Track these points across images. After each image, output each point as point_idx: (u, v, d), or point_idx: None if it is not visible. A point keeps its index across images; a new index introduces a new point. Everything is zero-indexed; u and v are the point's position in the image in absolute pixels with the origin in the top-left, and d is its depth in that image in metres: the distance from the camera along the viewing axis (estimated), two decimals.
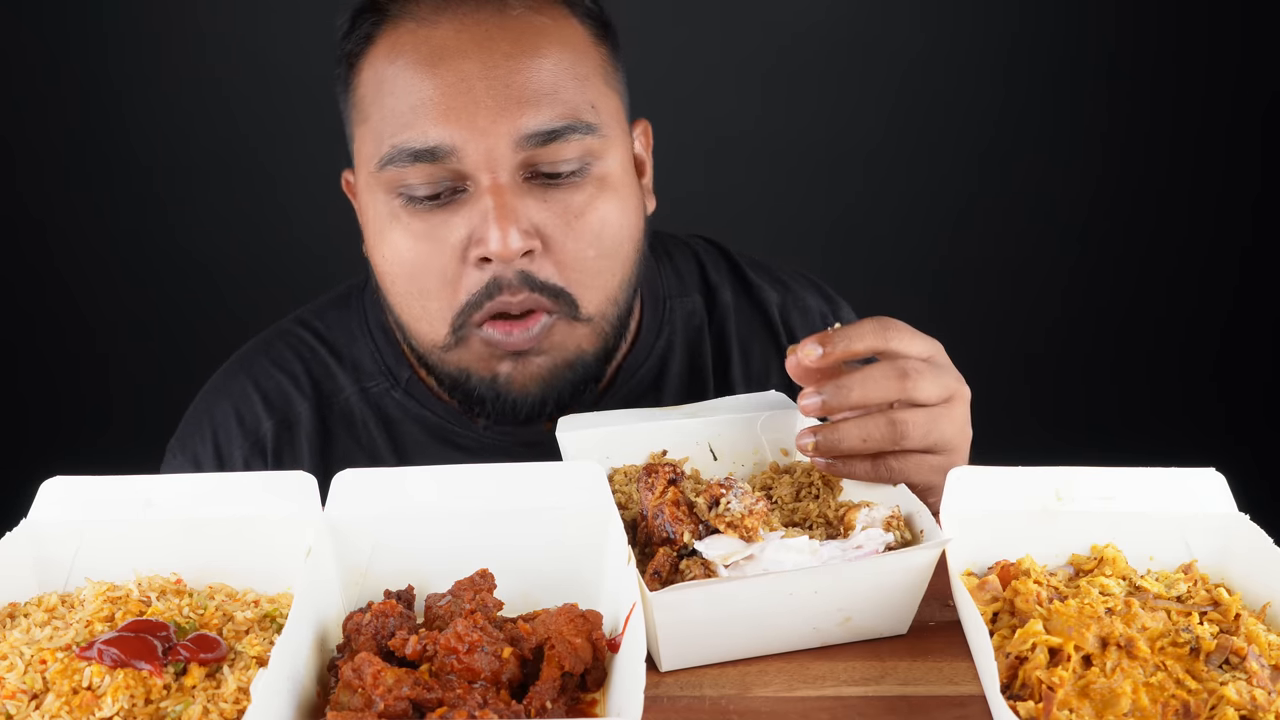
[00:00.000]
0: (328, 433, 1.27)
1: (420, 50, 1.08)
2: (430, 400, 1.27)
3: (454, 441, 1.26)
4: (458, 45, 1.07)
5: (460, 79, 1.06)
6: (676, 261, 1.37)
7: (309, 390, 1.28)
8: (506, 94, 1.06)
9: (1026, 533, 0.91)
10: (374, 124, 1.10)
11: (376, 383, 1.28)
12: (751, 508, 0.86)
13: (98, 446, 2.16)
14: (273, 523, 0.87)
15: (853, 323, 0.96)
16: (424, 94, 1.06)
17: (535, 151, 1.07)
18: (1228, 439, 2.90)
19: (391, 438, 1.27)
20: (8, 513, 0.94)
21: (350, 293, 1.34)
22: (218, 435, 1.27)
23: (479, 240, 1.08)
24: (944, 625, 0.88)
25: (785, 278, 1.40)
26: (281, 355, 1.30)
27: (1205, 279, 2.98)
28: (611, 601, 0.83)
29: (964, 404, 0.99)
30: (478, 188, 1.07)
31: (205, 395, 1.31)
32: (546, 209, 1.09)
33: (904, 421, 0.94)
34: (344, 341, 1.30)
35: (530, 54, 1.08)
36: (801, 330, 1.36)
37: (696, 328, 1.33)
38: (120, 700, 0.73)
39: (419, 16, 1.09)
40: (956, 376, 0.98)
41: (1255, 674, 0.77)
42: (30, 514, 0.88)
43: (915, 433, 0.94)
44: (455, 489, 0.88)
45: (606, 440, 1.04)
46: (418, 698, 0.72)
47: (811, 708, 0.78)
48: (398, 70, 1.09)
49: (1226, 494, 0.92)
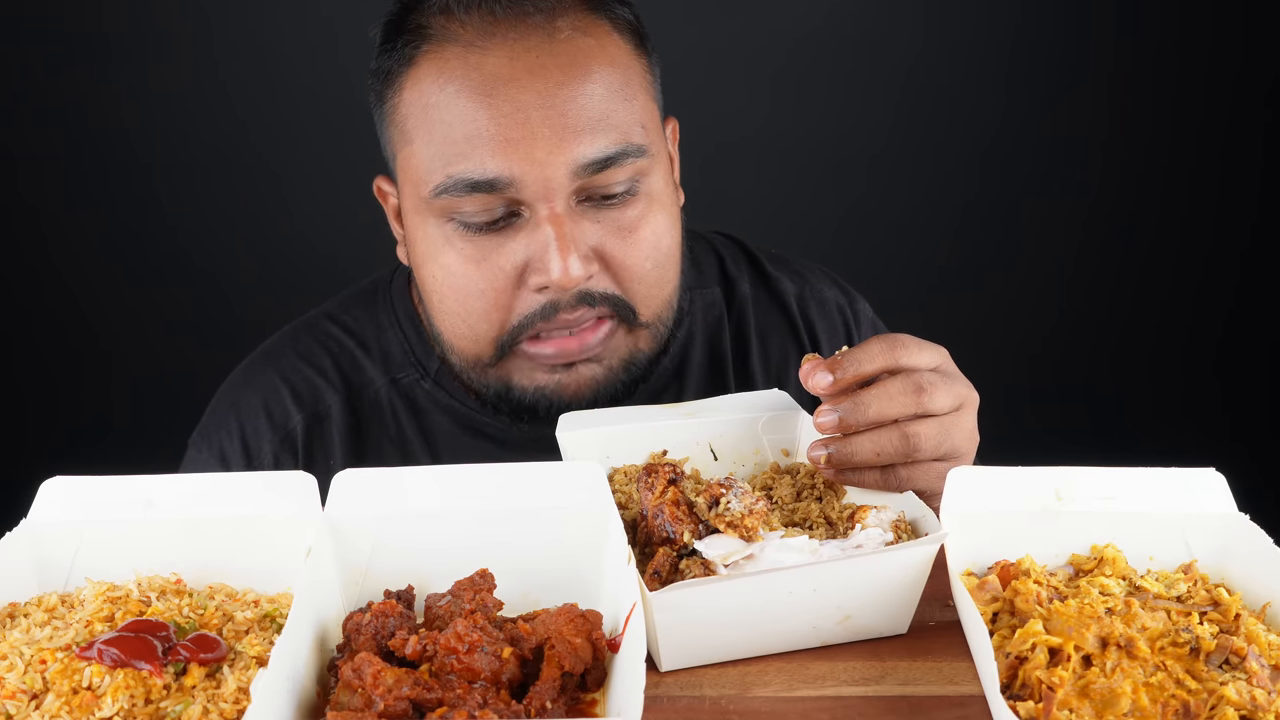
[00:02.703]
0: (359, 425, 1.27)
1: (471, 77, 1.07)
2: (459, 391, 1.28)
3: (483, 432, 1.27)
4: (510, 73, 1.07)
5: (516, 109, 1.06)
6: (696, 254, 1.38)
7: (338, 383, 1.28)
8: (563, 124, 1.07)
9: (1026, 533, 0.91)
10: (423, 148, 1.10)
11: (407, 373, 1.29)
12: (751, 507, 0.86)
13: (98, 446, 2.16)
14: (273, 523, 0.87)
15: (861, 344, 0.97)
16: (479, 124, 1.06)
17: (590, 179, 1.09)
18: (1228, 439, 2.90)
19: (421, 428, 1.28)
20: (8, 513, 0.94)
21: (376, 287, 1.35)
22: (245, 430, 1.27)
23: (539, 269, 1.09)
24: (944, 625, 0.88)
25: (803, 269, 1.41)
26: (309, 349, 1.30)
27: (1205, 279, 2.98)
28: (611, 601, 0.83)
29: (973, 410, 1.00)
30: (535, 215, 1.08)
31: (229, 389, 1.31)
32: (601, 229, 1.11)
33: (916, 434, 0.94)
34: (373, 334, 1.31)
35: (581, 80, 1.08)
36: (820, 321, 1.37)
37: (716, 319, 1.35)
38: (120, 700, 0.73)
39: (465, 41, 1.09)
40: (965, 383, 0.99)
41: (1255, 674, 0.77)
42: (30, 514, 0.88)
43: (927, 445, 0.94)
44: (455, 489, 0.88)
45: (606, 440, 1.04)
46: (418, 698, 0.72)
47: (811, 708, 0.78)
48: (449, 97, 1.08)
49: (1226, 494, 0.92)
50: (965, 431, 0.98)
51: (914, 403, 0.94)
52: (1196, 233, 2.98)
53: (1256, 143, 2.92)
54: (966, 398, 0.98)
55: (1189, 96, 2.89)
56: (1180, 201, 2.96)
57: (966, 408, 0.98)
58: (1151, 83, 2.88)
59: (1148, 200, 2.96)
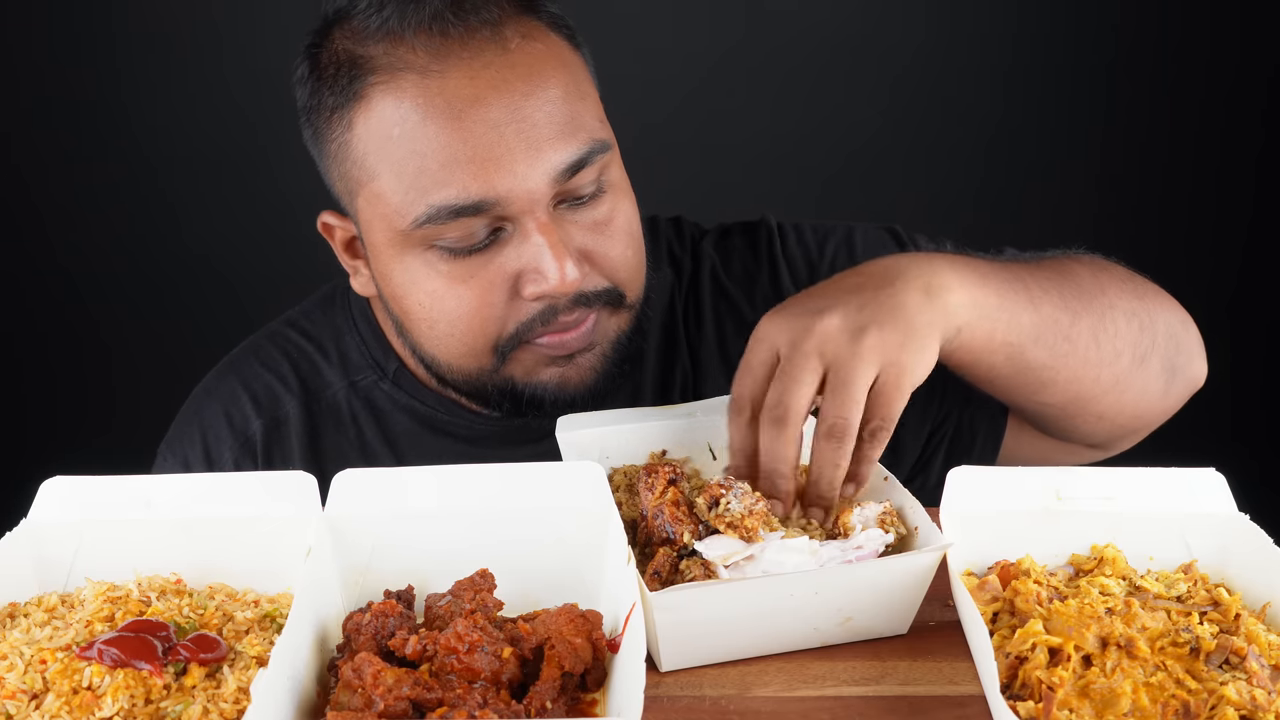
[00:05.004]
0: (316, 429, 1.28)
1: (435, 103, 1.05)
2: (418, 389, 1.27)
3: (445, 430, 1.27)
4: (474, 93, 1.06)
5: (488, 128, 1.05)
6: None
7: (296, 388, 1.29)
8: (535, 134, 1.06)
9: (1026, 533, 0.91)
10: (393, 182, 1.08)
11: (365, 375, 1.29)
12: (751, 508, 0.86)
13: (97, 446, 2.15)
14: (273, 523, 0.87)
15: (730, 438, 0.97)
16: (453, 149, 1.05)
17: (566, 184, 1.08)
18: (1228, 439, 2.90)
19: (382, 429, 1.28)
20: (8, 513, 0.94)
21: (334, 292, 1.35)
22: (206, 437, 1.28)
23: (534, 279, 1.08)
24: (944, 625, 0.88)
25: (716, 229, 1.40)
26: (270, 356, 1.31)
27: (1205, 279, 2.97)
28: (611, 601, 0.83)
29: (837, 339, 0.94)
30: (520, 228, 1.08)
31: (195, 398, 1.32)
32: (580, 228, 1.11)
33: (833, 426, 0.92)
34: (330, 337, 1.31)
35: (543, 87, 1.08)
36: (736, 270, 1.35)
37: (668, 300, 1.34)
38: (120, 700, 0.73)
39: (419, 67, 1.06)
40: (816, 333, 0.94)
41: (1255, 674, 0.77)
42: (30, 514, 0.88)
43: (848, 423, 0.92)
44: (455, 489, 0.88)
45: (606, 440, 1.04)
46: (418, 698, 0.72)
47: (811, 708, 0.78)
48: (414, 126, 1.06)
49: (1226, 494, 0.92)
50: (859, 378, 0.93)
51: (773, 407, 0.93)
52: (1195, 233, 2.98)
53: (1258, 140, 2.92)
54: (827, 347, 0.94)
55: (1186, 98, 2.89)
56: (1180, 202, 2.96)
57: (840, 356, 0.93)
58: (1150, 87, 2.88)
59: (1147, 200, 2.96)
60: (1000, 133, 2.90)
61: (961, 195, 2.94)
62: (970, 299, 1.00)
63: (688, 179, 2.66)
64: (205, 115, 2.75)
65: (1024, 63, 2.86)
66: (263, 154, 2.73)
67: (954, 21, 2.83)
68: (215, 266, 2.86)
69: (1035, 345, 1.06)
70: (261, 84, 2.72)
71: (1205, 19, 2.83)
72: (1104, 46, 2.86)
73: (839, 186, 2.91)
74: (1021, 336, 1.05)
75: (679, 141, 2.77)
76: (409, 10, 1.07)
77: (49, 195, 2.80)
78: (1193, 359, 1.22)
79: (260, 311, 1.50)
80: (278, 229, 2.78)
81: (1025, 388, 1.10)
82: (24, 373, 2.91)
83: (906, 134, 2.90)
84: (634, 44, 2.68)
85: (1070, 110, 2.89)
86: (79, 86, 2.73)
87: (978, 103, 2.88)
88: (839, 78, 2.85)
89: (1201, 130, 2.91)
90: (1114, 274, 1.18)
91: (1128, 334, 1.12)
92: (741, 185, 2.87)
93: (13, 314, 2.87)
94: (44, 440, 2.79)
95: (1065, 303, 1.08)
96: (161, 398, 1.78)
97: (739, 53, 2.82)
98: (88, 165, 2.79)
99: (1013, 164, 2.93)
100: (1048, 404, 1.13)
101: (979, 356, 1.04)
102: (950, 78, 2.86)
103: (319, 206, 1.22)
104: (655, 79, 2.73)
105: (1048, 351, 1.07)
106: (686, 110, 2.80)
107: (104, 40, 2.70)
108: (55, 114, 2.75)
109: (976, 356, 1.04)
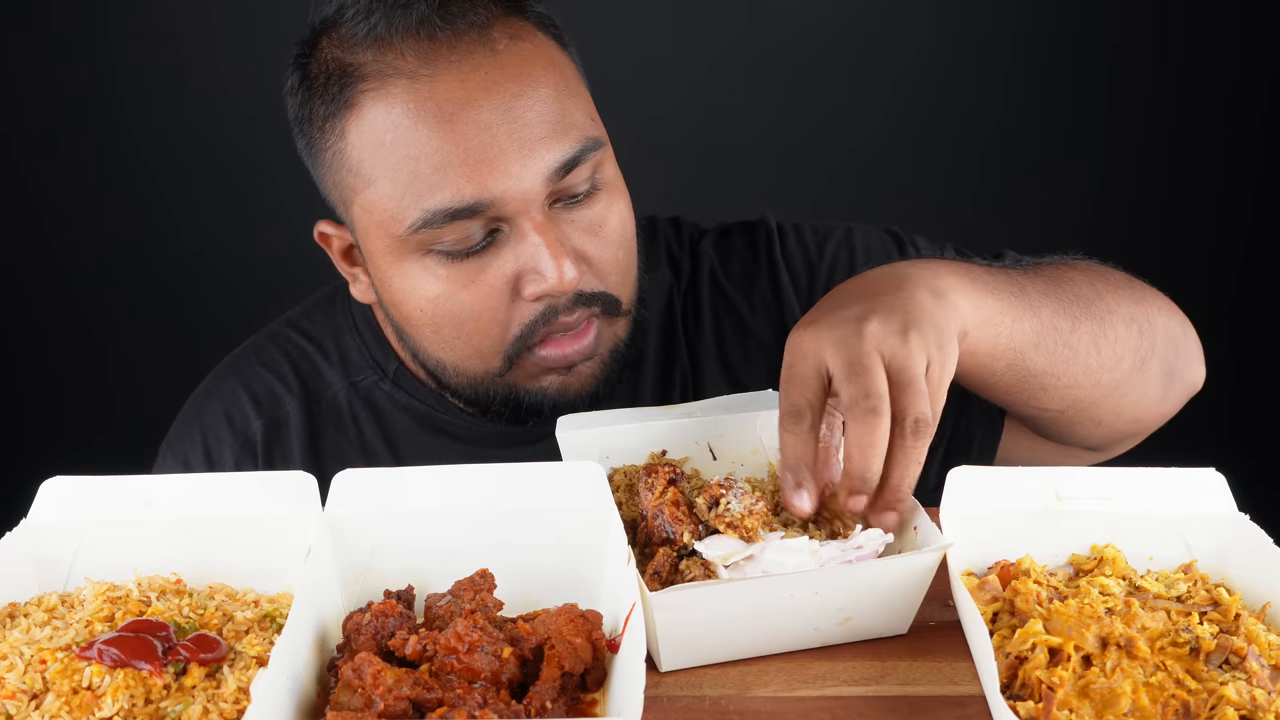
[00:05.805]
0: (316, 429, 1.28)
1: (427, 107, 1.05)
2: (418, 389, 1.28)
3: (444, 430, 1.27)
4: (465, 95, 1.06)
5: (480, 130, 1.05)
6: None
7: (297, 388, 1.29)
8: (527, 134, 1.06)
9: (1026, 533, 0.91)
10: (388, 188, 1.08)
11: (365, 375, 1.29)
12: (751, 508, 0.86)
13: (98, 447, 2.16)
14: (273, 523, 0.87)
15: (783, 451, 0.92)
16: (446, 153, 1.05)
17: (560, 183, 1.08)
18: (1228, 439, 2.90)
19: (382, 429, 1.28)
20: (8, 513, 0.94)
21: (335, 293, 1.35)
22: (207, 437, 1.28)
23: (534, 279, 1.08)
24: (944, 625, 0.88)
25: (716, 230, 1.39)
26: (270, 356, 1.31)
27: (1204, 279, 2.98)
28: (611, 601, 0.83)
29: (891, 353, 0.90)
30: (516, 229, 1.08)
31: (196, 398, 1.32)
32: (576, 228, 1.11)
33: (907, 418, 0.87)
34: (330, 338, 1.31)
35: (533, 87, 1.08)
36: (734, 265, 1.34)
37: (666, 301, 1.33)
38: (120, 700, 0.73)
39: (408, 72, 1.06)
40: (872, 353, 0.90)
41: (1255, 674, 0.77)
42: (30, 514, 0.88)
43: (920, 413, 0.88)
44: (456, 489, 0.88)
45: (606, 440, 1.04)
46: (418, 698, 0.72)
47: (811, 708, 0.78)
48: (406, 131, 1.06)
49: (1226, 494, 0.92)
50: (931, 383, 0.90)
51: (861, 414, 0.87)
52: (1195, 234, 2.98)
53: (1258, 139, 2.92)
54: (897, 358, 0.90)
55: (1186, 99, 2.89)
56: (1179, 202, 2.96)
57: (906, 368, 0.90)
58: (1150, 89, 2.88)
59: (1146, 200, 2.96)
60: (1001, 132, 2.90)
61: (962, 194, 2.94)
62: (973, 304, 1.00)
63: (687, 178, 2.66)
64: (204, 115, 2.75)
65: (1024, 62, 2.86)
66: (264, 154, 2.73)
67: (955, 21, 2.83)
68: (216, 267, 2.86)
69: (1035, 351, 1.06)
70: (260, 85, 2.72)
71: (1205, 19, 2.83)
72: (1105, 47, 2.86)
73: (839, 186, 2.91)
74: (1022, 342, 1.04)
75: (679, 141, 2.77)
76: (396, 16, 1.07)
77: (48, 196, 2.80)
78: (1191, 363, 1.22)
79: (260, 312, 1.50)
80: (278, 229, 2.77)
81: (1024, 393, 1.10)
82: (24, 373, 2.91)
83: (907, 132, 2.90)
84: (634, 43, 2.68)
85: (1070, 110, 2.89)
86: (78, 87, 2.72)
87: (979, 101, 2.88)
88: (840, 76, 2.85)
89: (1201, 131, 2.91)
90: (1112, 279, 1.17)
91: (1127, 339, 1.12)
92: (741, 184, 2.87)
93: (13, 314, 2.87)
94: (44, 440, 2.79)
95: (1065, 309, 1.08)
96: (161, 398, 1.79)
97: (739, 51, 2.82)
98: (88, 166, 2.79)
99: (1013, 163, 2.92)
100: (1046, 409, 1.13)
101: (980, 361, 1.04)
102: (951, 77, 2.86)
103: (318, 207, 1.22)
104: (655, 78, 2.73)
105: (1048, 357, 1.07)
106: (687, 109, 2.80)
107: (102, 41, 2.70)
108: (54, 115, 2.75)
109: (978, 361, 1.03)
